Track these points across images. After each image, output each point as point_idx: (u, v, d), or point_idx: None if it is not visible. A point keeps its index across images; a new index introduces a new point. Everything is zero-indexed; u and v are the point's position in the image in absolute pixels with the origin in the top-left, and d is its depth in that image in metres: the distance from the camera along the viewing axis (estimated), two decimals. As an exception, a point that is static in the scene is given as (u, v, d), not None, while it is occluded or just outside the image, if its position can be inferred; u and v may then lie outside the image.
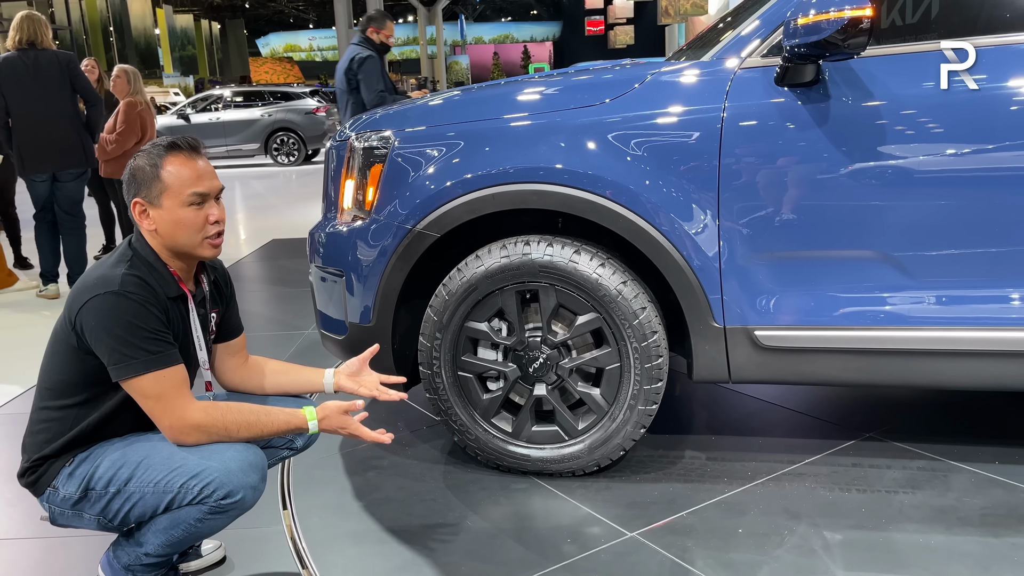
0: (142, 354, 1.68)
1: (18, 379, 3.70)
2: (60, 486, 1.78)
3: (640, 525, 2.21)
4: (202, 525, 1.75)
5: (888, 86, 2.13)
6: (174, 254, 1.83)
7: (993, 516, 2.17)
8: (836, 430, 2.75)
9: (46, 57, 4.90)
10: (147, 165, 1.79)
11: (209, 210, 1.81)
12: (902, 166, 2.12)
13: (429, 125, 2.51)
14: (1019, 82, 2.07)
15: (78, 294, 1.74)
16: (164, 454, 1.74)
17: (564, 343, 2.43)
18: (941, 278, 2.17)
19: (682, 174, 2.24)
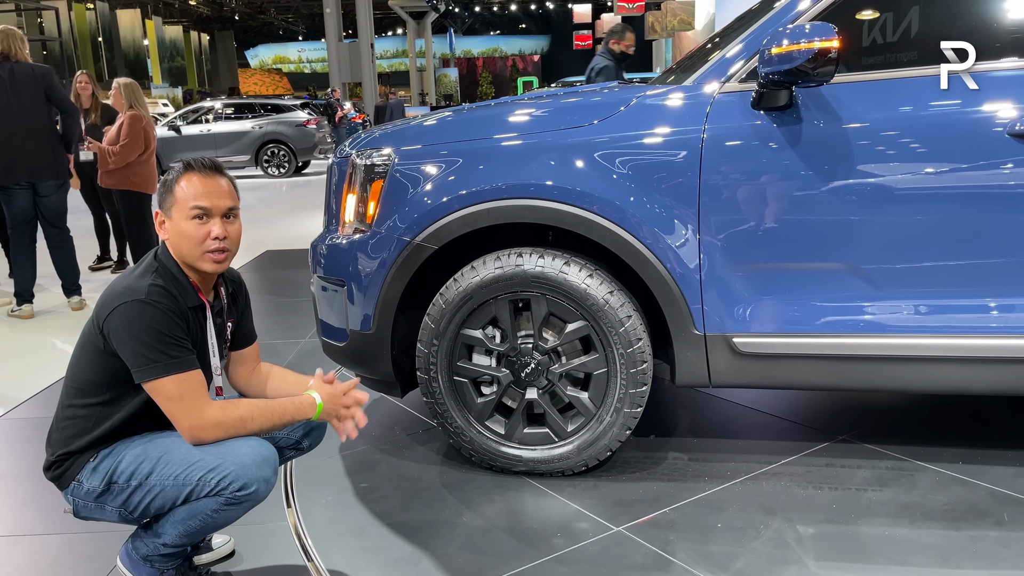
0: (164, 358, 1.81)
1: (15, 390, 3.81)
2: (84, 480, 1.91)
3: (625, 520, 2.36)
4: (218, 516, 1.87)
5: (855, 110, 2.30)
6: (185, 265, 1.96)
7: (955, 511, 2.33)
8: (811, 433, 2.90)
9: (20, 69, 4.96)
10: (168, 179, 1.95)
11: (212, 226, 1.92)
12: (868, 185, 2.28)
13: (427, 144, 2.66)
14: (982, 107, 2.23)
15: (107, 301, 1.87)
16: (183, 450, 1.87)
17: (554, 349, 2.57)
18: (905, 289, 2.33)
19: (665, 191, 2.40)
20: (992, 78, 2.26)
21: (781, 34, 2.20)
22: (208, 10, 45.00)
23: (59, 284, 5.36)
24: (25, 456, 3.05)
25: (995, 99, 2.22)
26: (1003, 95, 2.22)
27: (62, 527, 2.46)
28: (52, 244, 5.24)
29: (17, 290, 5.23)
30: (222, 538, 2.27)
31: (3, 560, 2.32)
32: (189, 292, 1.94)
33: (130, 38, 38.51)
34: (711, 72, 2.44)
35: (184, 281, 1.94)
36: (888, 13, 2.50)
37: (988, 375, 2.34)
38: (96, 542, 2.34)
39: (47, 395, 3.68)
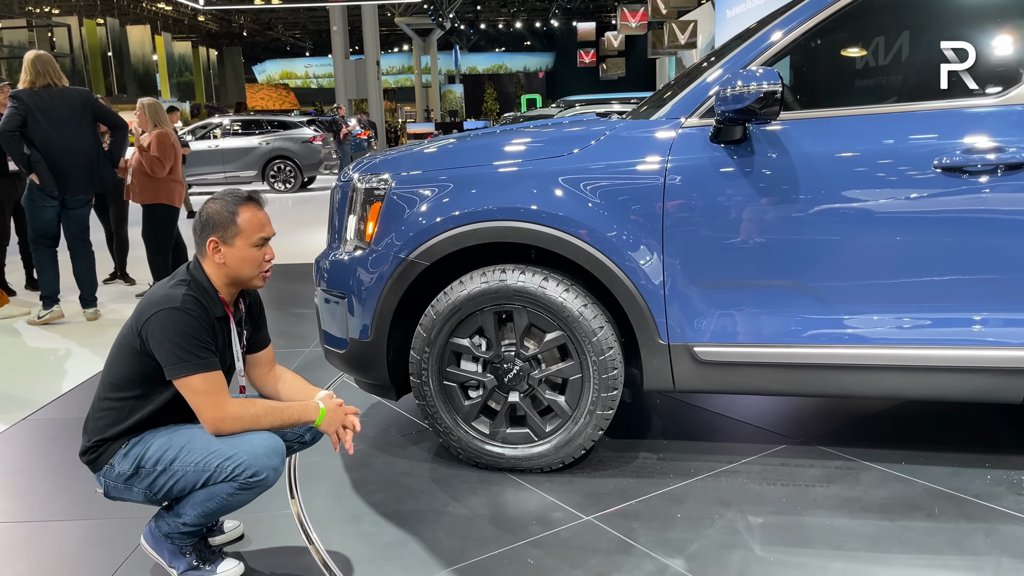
0: (194, 359, 2.09)
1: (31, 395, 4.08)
2: (116, 464, 2.18)
3: (595, 511, 2.62)
4: (232, 499, 2.14)
5: (801, 144, 2.57)
6: (229, 283, 2.25)
7: (891, 505, 2.59)
8: (770, 436, 3.16)
9: (63, 93, 5.28)
10: (225, 211, 2.21)
11: (267, 251, 2.26)
12: (812, 211, 2.56)
13: (422, 170, 2.94)
14: (912, 141, 2.51)
15: (146, 307, 2.15)
16: (203, 440, 2.14)
17: (534, 357, 2.84)
18: (846, 304, 2.60)
19: (633, 215, 2.67)
20: (923, 115, 2.53)
21: (735, 77, 2.48)
22: (217, 26, 45.61)
23: (73, 294, 5.64)
24: (51, 453, 3.32)
25: (924, 134, 2.50)
26: (931, 131, 2.50)
27: (88, 513, 2.74)
28: (75, 255, 5.56)
29: (46, 294, 5.55)
30: (232, 523, 2.54)
31: (37, 542, 2.58)
32: (216, 304, 2.22)
33: (140, 53, 39.06)
34: (676, 109, 2.72)
35: (213, 294, 2.22)
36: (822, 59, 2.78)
37: (920, 382, 2.60)
38: (119, 526, 2.61)
39: (68, 399, 3.95)
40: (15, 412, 3.75)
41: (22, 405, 3.84)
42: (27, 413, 3.73)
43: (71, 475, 3.04)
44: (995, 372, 2.53)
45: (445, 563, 2.35)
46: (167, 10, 39.70)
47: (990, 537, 2.38)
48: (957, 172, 2.44)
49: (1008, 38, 2.54)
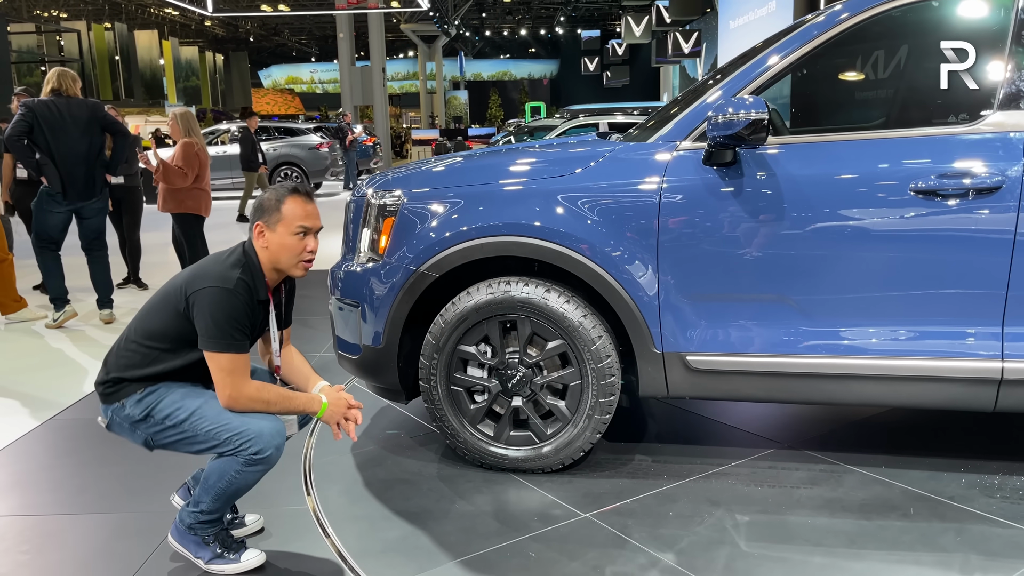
0: (229, 339, 2.27)
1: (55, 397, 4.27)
2: (127, 406, 2.36)
3: (593, 508, 2.79)
4: (239, 477, 2.33)
5: (787, 168, 2.75)
6: (272, 267, 2.41)
7: (870, 505, 2.76)
8: (760, 440, 3.34)
9: (74, 103, 5.50)
10: (274, 199, 2.39)
11: (308, 241, 2.41)
12: (798, 229, 2.73)
13: (432, 187, 3.12)
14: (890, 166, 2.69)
15: (199, 276, 2.32)
16: (215, 411, 2.33)
17: (537, 364, 3.02)
18: (829, 316, 2.77)
19: (630, 232, 2.85)
20: (900, 141, 2.71)
21: (725, 105, 2.66)
22: (223, 31, 45.94)
23: (88, 295, 5.83)
24: (78, 451, 3.50)
25: (901, 159, 2.68)
26: (907, 156, 2.68)
27: (117, 507, 2.92)
28: (91, 259, 5.76)
29: (54, 296, 5.74)
30: (253, 516, 2.72)
31: (70, 534, 2.76)
32: (262, 287, 2.40)
33: (147, 58, 39.36)
34: (670, 133, 2.90)
35: (261, 278, 2.39)
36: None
37: (898, 391, 2.77)
38: (147, 519, 2.78)
39: (89, 400, 4.13)
40: (43, 411, 3.94)
41: (48, 406, 4.03)
42: (53, 413, 3.92)
43: (99, 471, 3.23)
44: (968, 382, 2.70)
45: (452, 555, 2.53)
46: (174, 15, 40.01)
47: (960, 536, 2.55)
48: (931, 195, 2.62)
49: (981, 70, 2.72)
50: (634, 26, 30.30)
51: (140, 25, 40.10)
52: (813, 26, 2.85)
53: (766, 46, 2.99)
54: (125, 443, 3.43)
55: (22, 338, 5.53)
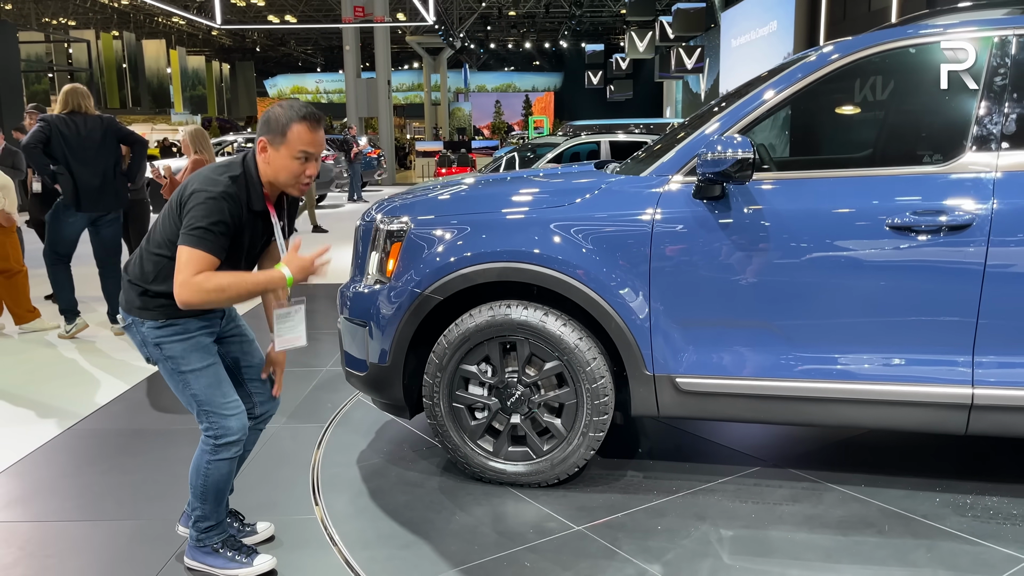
0: (199, 233, 2.31)
1: (71, 406, 4.44)
2: (146, 326, 2.48)
3: (586, 522, 2.95)
4: (212, 467, 2.52)
5: (773, 203, 2.93)
6: (269, 182, 2.46)
7: (847, 522, 2.92)
8: (747, 458, 3.50)
9: (89, 120, 5.70)
10: (283, 118, 2.40)
11: (308, 166, 2.45)
12: (781, 260, 2.91)
13: (438, 215, 3.30)
14: (867, 202, 2.86)
15: (192, 181, 2.40)
16: (209, 382, 2.49)
17: (534, 383, 3.18)
18: (810, 343, 2.94)
19: (624, 260, 3.02)
20: (877, 180, 2.89)
21: (714, 143, 2.84)
22: (230, 41, 46.33)
23: (99, 306, 5.99)
24: (96, 460, 3.66)
25: (878, 197, 2.85)
26: (884, 194, 2.85)
27: (135, 514, 3.08)
28: (105, 273, 5.93)
29: (65, 308, 5.91)
30: (264, 524, 2.88)
31: (91, 539, 2.93)
32: (259, 198, 2.45)
33: (154, 67, 39.71)
34: (663, 167, 3.08)
35: (258, 189, 2.45)
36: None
37: (874, 414, 2.94)
38: (164, 526, 2.95)
39: (105, 411, 4.31)
40: (61, 421, 4.11)
41: (66, 416, 4.19)
42: (71, 423, 4.09)
43: (117, 479, 3.39)
44: (940, 407, 2.87)
45: (452, 564, 2.69)
46: (182, 25, 40.36)
47: (931, 552, 2.71)
48: (906, 231, 2.79)
49: (955, 113, 2.89)
50: (638, 41, 30.58)
51: (148, 34, 40.47)
52: (801, 67, 3.02)
53: (757, 83, 3.17)
54: (141, 452, 3.63)
55: (36, 348, 5.70)
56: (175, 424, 4.04)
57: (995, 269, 2.74)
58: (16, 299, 6.09)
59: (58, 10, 35.59)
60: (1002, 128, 2.80)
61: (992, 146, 2.80)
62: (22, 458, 3.66)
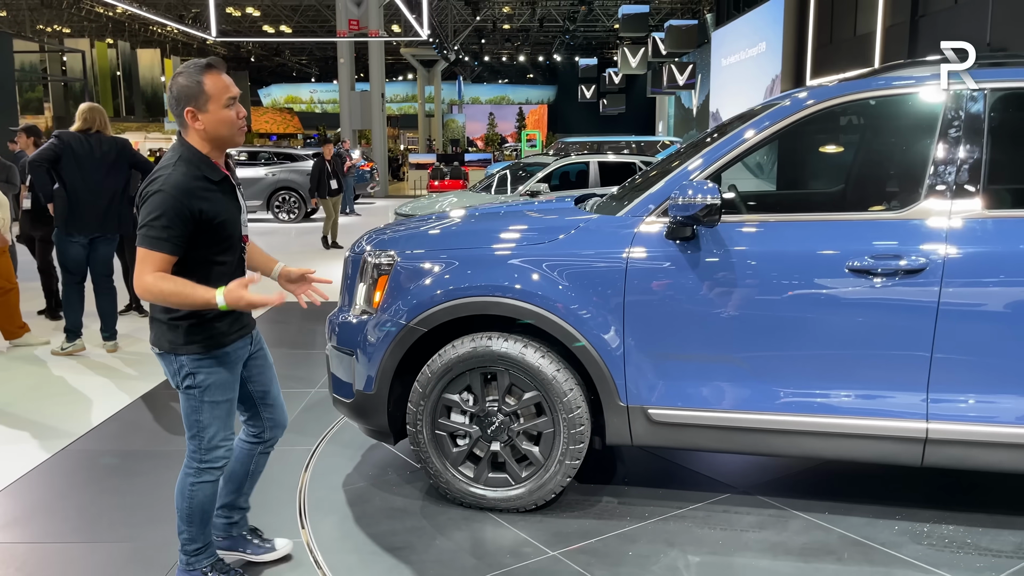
0: (144, 231, 2.39)
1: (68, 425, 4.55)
2: (183, 359, 2.55)
3: (560, 547, 3.09)
4: (196, 490, 2.64)
5: (740, 244, 3.08)
6: (213, 147, 2.49)
7: (809, 549, 3.06)
8: (718, 484, 3.64)
9: (105, 140, 5.84)
10: (192, 82, 2.44)
11: (238, 109, 2.51)
12: (747, 299, 3.06)
13: (424, 249, 3.45)
14: (827, 246, 3.02)
15: (147, 180, 2.47)
16: (221, 413, 2.61)
17: (514, 412, 3.33)
18: (773, 377, 3.09)
19: (599, 296, 3.17)
20: (838, 224, 3.05)
21: (685, 187, 3.00)
22: (225, 50, 46.47)
23: (90, 323, 6.10)
24: (91, 480, 3.78)
25: (839, 240, 3.01)
26: (845, 238, 3.01)
27: (129, 536, 3.20)
28: (99, 291, 6.04)
29: (69, 327, 6.02)
30: (283, 541, 3.02)
31: (87, 561, 3.05)
32: (213, 168, 2.50)
33: (148, 76, 39.82)
34: (637, 208, 3.24)
35: (207, 162, 2.49)
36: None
37: (835, 446, 3.09)
38: (156, 548, 3.07)
39: (100, 431, 4.43)
40: (55, 441, 4.22)
41: (60, 435, 4.31)
42: (65, 443, 4.20)
43: (111, 501, 3.52)
44: (897, 440, 3.02)
45: (432, 588, 2.82)
46: (177, 34, 40.51)
47: (886, 579, 2.86)
48: (865, 273, 2.95)
49: (912, 161, 3.06)
50: (630, 57, 30.87)
51: (143, 43, 40.58)
52: (777, 111, 3.17)
53: (732, 126, 3.33)
54: (134, 474, 3.74)
55: (26, 365, 5.81)
56: (167, 446, 4.16)
57: (947, 311, 2.90)
58: (7, 316, 6.19)
59: (52, 18, 35.69)
60: (955, 177, 2.97)
61: (946, 194, 2.97)
62: (18, 478, 3.77)
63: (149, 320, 2.63)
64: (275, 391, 2.89)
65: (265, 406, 2.86)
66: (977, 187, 2.95)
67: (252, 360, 2.79)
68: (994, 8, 9.81)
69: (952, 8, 11.09)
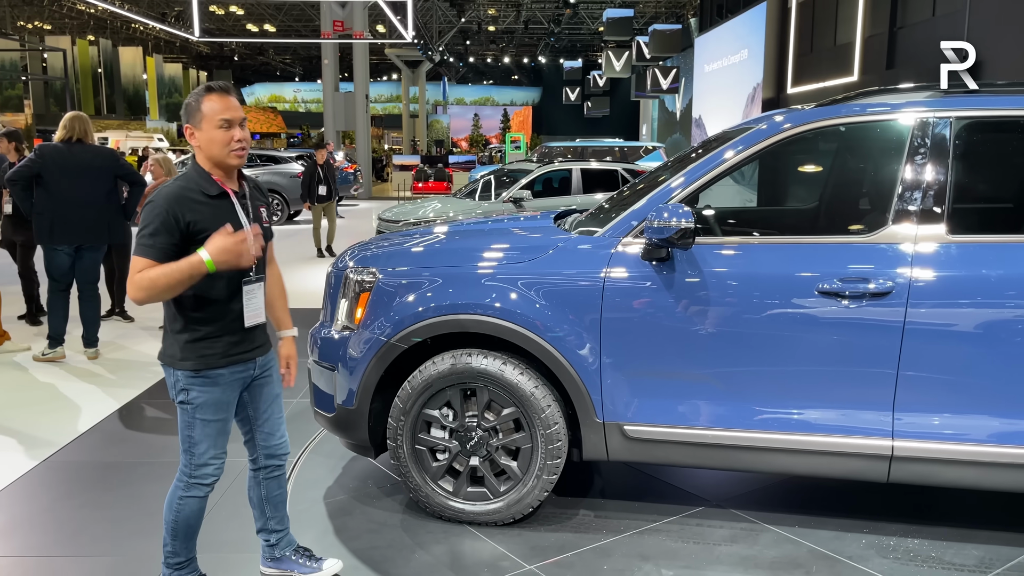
0: (139, 240, 2.50)
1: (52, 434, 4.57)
2: (179, 374, 2.62)
3: (537, 561, 3.16)
4: (183, 504, 2.69)
5: (713, 265, 3.16)
6: (212, 164, 2.59)
7: (778, 563, 3.15)
8: (693, 497, 3.73)
9: (89, 150, 5.85)
10: (193, 102, 2.58)
11: (234, 132, 2.57)
12: (719, 319, 3.14)
13: (406, 267, 3.50)
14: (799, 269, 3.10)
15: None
16: (212, 431, 2.66)
17: (493, 428, 3.39)
18: (745, 396, 3.17)
19: (577, 315, 3.24)
20: (809, 247, 3.14)
21: (660, 210, 3.07)
22: (208, 49, 46.24)
23: (71, 328, 6.10)
24: (73, 492, 3.81)
25: (809, 263, 3.09)
26: (815, 260, 3.10)
27: (111, 551, 3.24)
28: (83, 298, 6.05)
29: (52, 334, 6.03)
30: (333, 561, 3.05)
31: (68, 573, 3.08)
32: (211, 183, 2.59)
33: (130, 74, 39.59)
34: (614, 229, 3.31)
35: (206, 176, 2.60)
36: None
37: (804, 462, 3.17)
38: (139, 565, 3.11)
39: (84, 440, 4.44)
40: (38, 450, 4.25)
41: (43, 445, 4.33)
42: (48, 453, 4.22)
43: (93, 514, 3.55)
44: (864, 457, 3.11)
45: (410, 602, 2.88)
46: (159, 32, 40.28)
47: (852, 593, 2.95)
48: (834, 296, 3.04)
49: (880, 187, 3.15)
50: (614, 61, 31.04)
51: (125, 41, 40.32)
52: (754, 134, 3.25)
53: (710, 148, 3.41)
54: (116, 487, 3.78)
55: (6, 371, 5.81)
56: (149, 457, 4.19)
57: (912, 333, 2.99)
58: None
59: (33, 14, 35.39)
60: (921, 203, 3.06)
61: (913, 219, 3.06)
62: (3, 488, 3.79)
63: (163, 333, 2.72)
64: (273, 420, 2.87)
65: (261, 433, 2.86)
66: (942, 213, 3.04)
67: (255, 384, 2.80)
68: (970, 21, 9.98)
69: (929, 20, 11.26)
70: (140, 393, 5.25)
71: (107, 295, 7.50)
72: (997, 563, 3.14)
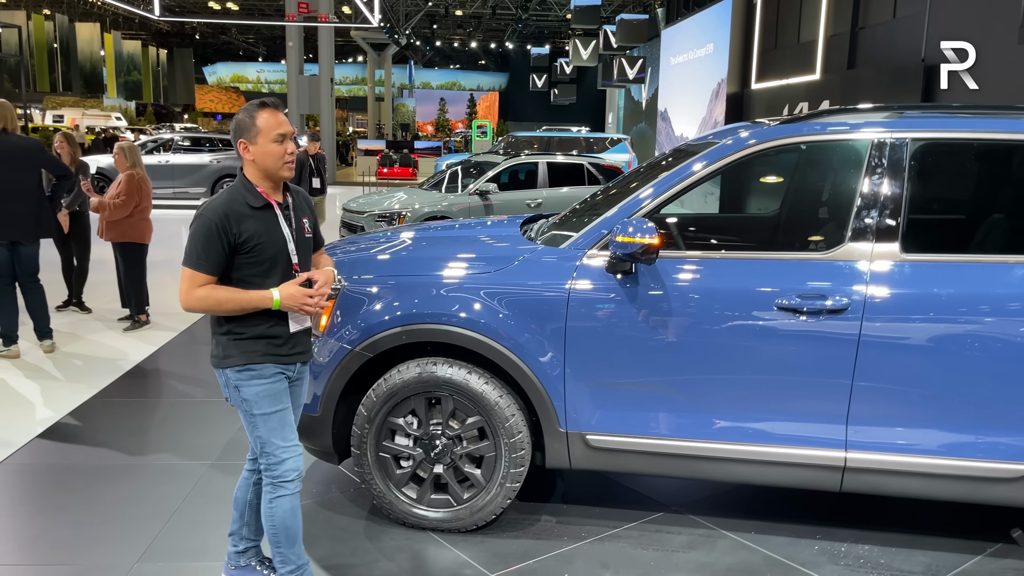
0: (187, 252, 2.62)
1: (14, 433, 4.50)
2: (229, 372, 2.70)
3: (499, 568, 3.20)
4: (274, 506, 2.74)
5: (676, 279, 3.22)
6: (262, 177, 2.69)
7: (735, 570, 3.23)
8: (653, 503, 3.80)
9: (13, 141, 5.65)
10: (247, 118, 2.67)
11: (287, 145, 2.69)
12: (681, 331, 3.20)
13: (372, 275, 3.50)
14: (759, 284, 3.17)
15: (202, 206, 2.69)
16: (274, 426, 2.71)
17: (457, 436, 3.42)
18: (704, 406, 3.24)
19: (542, 326, 3.28)
20: (769, 263, 3.21)
21: (625, 225, 3.11)
22: (168, 26, 45.25)
23: (26, 322, 5.99)
24: (32, 497, 3.76)
25: (769, 278, 3.16)
26: (774, 276, 3.17)
27: (70, 560, 3.21)
28: (26, 291, 5.92)
29: (4, 332, 5.88)
30: None
31: (26, 584, 3.06)
32: (256, 195, 2.68)
33: (87, 51, 38.61)
34: (579, 241, 3.34)
35: (252, 189, 2.69)
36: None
37: (759, 472, 3.26)
38: (98, 573, 3.08)
39: (43, 440, 4.38)
40: (-8, 454, 4.17)
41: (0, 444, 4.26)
42: (6, 453, 4.16)
43: (50, 521, 3.51)
44: (817, 467, 3.20)
45: (373, 612, 2.90)
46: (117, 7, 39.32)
47: (804, 600, 3.04)
48: (792, 311, 3.11)
49: (838, 205, 3.23)
50: (582, 49, 31.01)
51: (81, 16, 39.27)
52: (715, 151, 3.30)
53: (678, 160, 3.45)
54: (74, 490, 3.74)
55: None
56: (107, 460, 4.15)
57: (867, 349, 3.08)
58: None
59: (-14, -13, 34.31)
60: (877, 222, 3.14)
61: (869, 237, 3.14)
62: (-46, 495, 3.73)
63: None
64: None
65: None
66: (897, 232, 3.13)
67: (293, 384, 2.87)
68: (929, 24, 10.17)
69: (890, 22, 11.44)
70: (98, 391, 5.18)
71: (64, 286, 7.36)
72: (944, 569, 3.26)
